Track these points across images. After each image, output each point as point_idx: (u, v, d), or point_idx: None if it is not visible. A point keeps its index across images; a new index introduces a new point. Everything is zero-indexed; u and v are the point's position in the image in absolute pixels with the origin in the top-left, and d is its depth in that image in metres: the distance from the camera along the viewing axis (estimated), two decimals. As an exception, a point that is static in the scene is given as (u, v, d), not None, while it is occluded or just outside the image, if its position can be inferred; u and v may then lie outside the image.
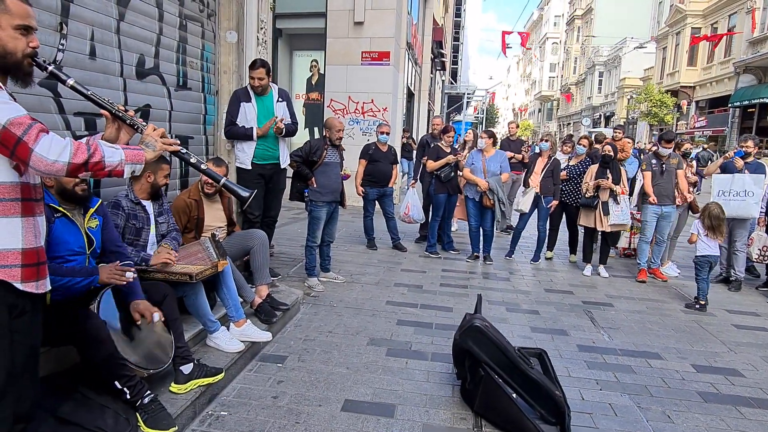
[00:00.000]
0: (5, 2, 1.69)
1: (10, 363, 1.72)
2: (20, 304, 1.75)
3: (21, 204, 1.73)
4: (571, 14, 54.54)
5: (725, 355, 4.21)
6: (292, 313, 4.50)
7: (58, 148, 1.66)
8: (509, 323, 4.67)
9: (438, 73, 27.18)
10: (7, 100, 1.67)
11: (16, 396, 1.76)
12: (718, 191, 6.17)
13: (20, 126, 1.62)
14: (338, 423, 2.90)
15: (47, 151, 1.64)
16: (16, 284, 1.72)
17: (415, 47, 16.42)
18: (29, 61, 1.79)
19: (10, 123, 1.61)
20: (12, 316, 1.72)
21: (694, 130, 26.37)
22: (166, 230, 3.56)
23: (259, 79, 4.60)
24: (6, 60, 1.73)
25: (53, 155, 1.64)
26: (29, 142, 1.62)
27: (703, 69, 26.98)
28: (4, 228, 1.69)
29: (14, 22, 1.71)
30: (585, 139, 7.62)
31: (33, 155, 1.62)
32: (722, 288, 6.21)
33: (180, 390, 2.91)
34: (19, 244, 1.72)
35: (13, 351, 1.73)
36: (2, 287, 1.70)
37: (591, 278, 6.41)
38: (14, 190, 1.71)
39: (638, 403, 3.32)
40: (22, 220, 1.74)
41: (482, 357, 3.02)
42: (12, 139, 1.61)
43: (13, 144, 1.61)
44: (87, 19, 3.32)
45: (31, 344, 1.82)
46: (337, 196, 5.34)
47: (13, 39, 1.72)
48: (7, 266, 1.70)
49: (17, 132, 1.61)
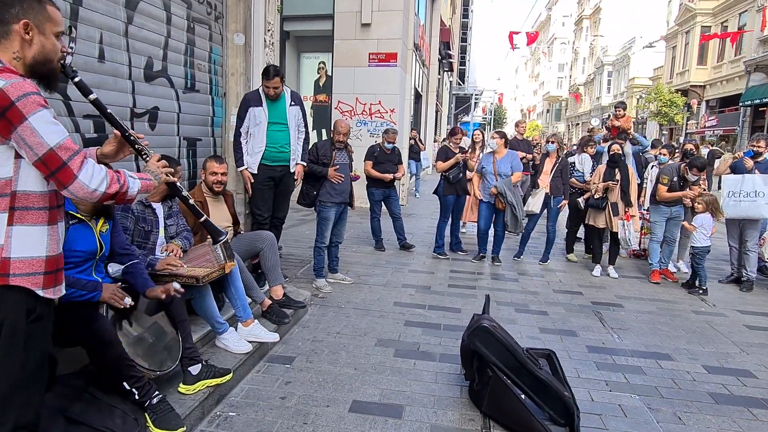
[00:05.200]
0: (48, 10, 1.75)
1: (20, 368, 1.74)
2: (38, 309, 1.77)
3: (48, 213, 1.77)
4: (579, 14, 54.33)
5: (737, 355, 4.17)
6: (300, 314, 4.51)
7: (98, 178, 1.76)
8: (518, 324, 4.65)
9: (445, 74, 27.16)
10: (55, 121, 1.71)
11: (22, 401, 1.77)
12: (728, 192, 6.10)
13: (67, 151, 1.68)
14: (346, 424, 2.90)
15: (89, 179, 1.73)
16: (38, 291, 1.74)
17: (423, 48, 16.43)
18: (60, 66, 1.85)
19: (59, 147, 1.67)
20: (28, 321, 1.74)
21: (705, 130, 26.13)
22: (176, 232, 3.58)
23: (274, 88, 4.62)
24: (47, 66, 1.78)
25: (94, 184, 1.75)
26: (74, 168, 1.69)
27: (714, 68, 26.72)
28: (32, 236, 1.72)
29: (56, 29, 1.78)
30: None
31: (76, 182, 1.70)
32: (734, 288, 6.15)
33: (188, 391, 2.92)
34: (43, 251, 1.75)
35: (25, 356, 1.74)
36: (24, 293, 1.72)
37: (600, 279, 6.36)
38: (43, 199, 1.75)
39: (648, 404, 3.29)
40: (48, 228, 1.77)
41: (490, 358, 3.01)
42: (57, 162, 1.67)
43: (56, 167, 1.67)
44: (96, 23, 3.35)
45: (42, 350, 1.84)
46: (346, 197, 5.37)
47: (53, 46, 1.78)
48: (31, 274, 1.72)
49: (63, 156, 1.67)
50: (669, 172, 6.09)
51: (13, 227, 1.68)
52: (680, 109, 28.30)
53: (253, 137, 4.69)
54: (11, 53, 1.70)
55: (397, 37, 10.78)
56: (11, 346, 1.70)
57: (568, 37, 60.86)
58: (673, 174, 6.06)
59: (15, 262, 1.69)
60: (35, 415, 1.84)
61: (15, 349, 1.71)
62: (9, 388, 1.72)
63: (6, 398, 1.72)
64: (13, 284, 1.69)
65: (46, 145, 1.65)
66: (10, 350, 1.70)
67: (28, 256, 1.71)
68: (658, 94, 28.92)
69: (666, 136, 29.80)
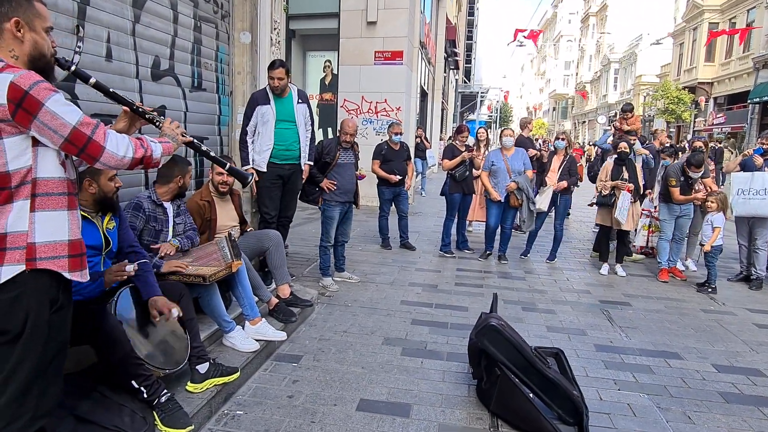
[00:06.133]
0: (36, 7, 1.80)
1: (41, 357, 1.77)
2: (60, 299, 1.82)
3: (67, 198, 1.84)
4: (585, 11, 54.08)
5: (747, 354, 4.13)
6: (307, 313, 4.51)
7: (124, 145, 1.85)
8: (525, 323, 4.63)
9: (451, 72, 27.11)
10: (68, 102, 1.77)
11: (40, 391, 1.80)
12: (737, 190, 6.05)
13: (88, 126, 1.77)
14: (354, 423, 2.90)
15: (116, 147, 1.83)
16: (64, 273, 1.80)
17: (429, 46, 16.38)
18: (54, 60, 1.90)
19: (80, 124, 1.74)
20: (51, 311, 1.78)
21: (713, 127, 25.93)
22: (183, 231, 3.59)
23: (279, 79, 4.56)
24: (42, 61, 1.83)
25: (122, 151, 1.84)
26: (100, 140, 1.78)
27: (721, 65, 26.51)
28: (54, 221, 1.79)
29: (45, 24, 1.83)
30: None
31: (105, 152, 1.79)
32: (743, 286, 6.11)
33: (196, 389, 2.93)
34: (65, 236, 1.82)
35: (46, 346, 1.78)
36: (49, 279, 1.77)
37: (608, 277, 6.33)
38: (62, 185, 1.81)
39: (657, 403, 3.27)
40: (68, 213, 1.84)
41: (498, 356, 2.99)
42: (83, 138, 1.75)
43: (84, 143, 1.75)
44: (103, 22, 3.36)
45: (62, 340, 1.87)
46: (351, 196, 5.35)
47: (44, 41, 1.83)
48: (56, 257, 1.78)
49: (87, 131, 1.75)
50: (675, 173, 6.05)
51: (36, 213, 1.74)
52: (688, 106, 28.11)
53: (261, 136, 4.66)
54: (8, 51, 1.75)
55: (402, 35, 10.75)
56: (35, 338, 1.74)
57: (574, 34, 60.55)
58: (679, 174, 6.02)
59: (40, 247, 1.74)
60: (53, 404, 1.88)
61: (38, 340, 1.75)
62: (29, 379, 1.75)
63: (26, 389, 1.75)
64: (41, 268, 1.74)
65: (69, 124, 1.72)
66: (33, 342, 1.74)
67: (51, 241, 1.77)
68: (665, 92, 28.72)
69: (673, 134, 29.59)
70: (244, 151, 4.69)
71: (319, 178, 5.17)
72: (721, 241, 5.82)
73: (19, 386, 1.73)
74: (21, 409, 1.76)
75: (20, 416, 1.76)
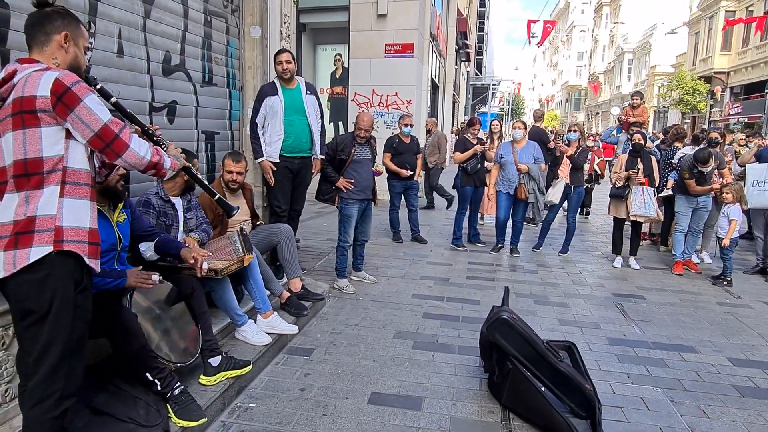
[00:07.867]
0: (81, 28, 2.06)
1: (68, 337, 1.88)
2: (84, 280, 1.95)
3: (90, 189, 2.00)
4: (598, 1, 53.35)
5: (763, 348, 4.08)
6: (319, 307, 4.53)
7: (144, 147, 2.07)
8: (537, 316, 4.61)
9: (463, 64, 26.93)
10: (101, 102, 1.98)
11: (68, 372, 1.90)
12: (752, 181, 5.97)
13: (117, 125, 1.97)
14: (365, 416, 2.91)
15: (138, 147, 2.03)
16: (84, 258, 1.93)
17: (439, 38, 16.30)
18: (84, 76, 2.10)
19: (110, 122, 1.95)
20: (76, 291, 1.91)
21: (729, 117, 25.54)
22: (195, 225, 3.60)
23: (286, 62, 4.53)
24: (76, 73, 2.01)
25: (143, 152, 2.05)
26: (125, 139, 1.99)
27: (738, 54, 26.06)
28: (80, 208, 1.95)
29: (85, 43, 2.09)
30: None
31: (129, 150, 2.00)
32: (759, 279, 6.03)
33: (209, 382, 2.96)
34: (87, 223, 1.97)
35: (73, 325, 1.89)
36: (73, 261, 1.91)
37: (621, 270, 6.28)
38: (87, 176, 1.98)
39: (671, 397, 3.24)
40: (90, 203, 2.00)
41: (510, 350, 2.98)
42: (111, 135, 1.95)
43: (111, 139, 1.95)
44: (114, 18, 3.37)
45: (86, 320, 1.98)
46: (369, 193, 5.16)
47: (83, 57, 2.09)
48: (79, 241, 1.92)
49: (115, 129, 1.96)
50: (686, 167, 5.96)
51: (64, 199, 1.90)
52: (703, 96, 27.68)
53: (270, 127, 4.64)
54: (51, 59, 1.97)
55: (413, 27, 10.70)
56: (62, 317, 1.86)
57: (587, 24, 59.85)
58: (691, 168, 5.93)
59: (67, 230, 1.89)
60: (78, 385, 1.97)
61: (65, 320, 1.87)
62: (57, 359, 1.86)
63: (55, 369, 1.86)
64: (66, 249, 1.87)
65: (101, 120, 1.91)
66: (60, 323, 1.86)
67: (76, 226, 1.92)
68: (680, 82, 28.31)
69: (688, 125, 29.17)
70: (256, 143, 4.65)
71: (335, 177, 5.01)
72: (737, 233, 5.74)
73: (50, 366, 1.85)
74: (49, 389, 1.87)
75: (49, 396, 1.86)
